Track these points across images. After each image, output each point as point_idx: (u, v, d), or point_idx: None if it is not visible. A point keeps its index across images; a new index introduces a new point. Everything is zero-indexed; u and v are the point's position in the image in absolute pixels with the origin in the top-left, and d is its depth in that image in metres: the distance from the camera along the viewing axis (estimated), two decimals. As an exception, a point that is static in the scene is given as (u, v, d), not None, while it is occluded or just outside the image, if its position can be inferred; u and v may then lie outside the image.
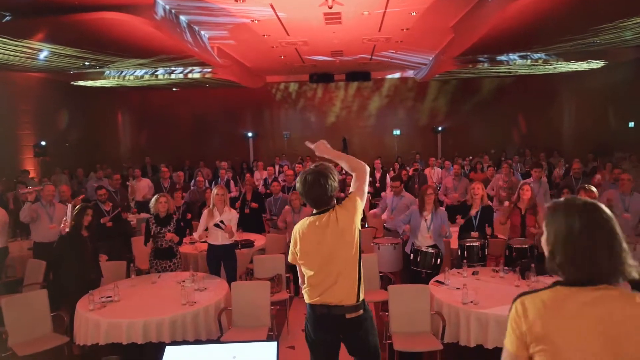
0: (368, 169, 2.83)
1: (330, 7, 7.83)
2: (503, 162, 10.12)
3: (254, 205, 7.33)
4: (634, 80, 12.28)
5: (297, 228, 2.76)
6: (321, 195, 2.66)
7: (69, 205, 5.05)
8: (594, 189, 5.27)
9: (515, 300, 1.50)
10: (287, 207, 6.71)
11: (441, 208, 5.46)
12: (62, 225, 5.03)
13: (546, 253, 1.53)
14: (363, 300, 2.70)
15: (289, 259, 2.82)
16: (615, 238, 1.43)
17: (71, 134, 13.43)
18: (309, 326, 2.74)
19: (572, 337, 1.40)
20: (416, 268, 5.07)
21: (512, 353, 1.48)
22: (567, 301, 1.43)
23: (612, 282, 1.42)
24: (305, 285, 2.74)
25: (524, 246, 5.05)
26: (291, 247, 2.78)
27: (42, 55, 8.70)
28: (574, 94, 15.79)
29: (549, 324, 1.42)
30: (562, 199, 1.57)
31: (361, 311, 2.67)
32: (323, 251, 2.64)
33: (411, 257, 5.14)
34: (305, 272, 2.72)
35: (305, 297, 2.73)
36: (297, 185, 2.73)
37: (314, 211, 2.74)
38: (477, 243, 5.17)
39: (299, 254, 2.72)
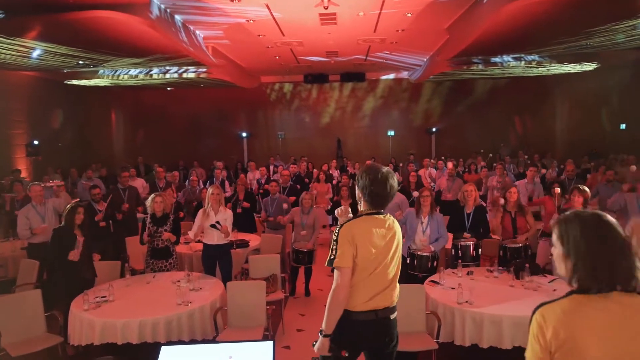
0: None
1: (326, 8, 7.84)
2: (498, 163, 10.20)
3: (245, 204, 7.32)
4: (625, 83, 12.42)
5: (355, 229, 2.50)
6: (393, 194, 2.60)
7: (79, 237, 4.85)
8: (587, 189, 5.31)
9: (534, 312, 1.54)
10: (296, 208, 6.69)
11: (439, 213, 5.45)
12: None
13: (565, 265, 1.56)
14: None
15: (344, 263, 2.46)
16: (627, 245, 1.50)
17: (64, 134, 13.33)
18: (347, 336, 2.51)
19: (593, 342, 1.44)
20: (413, 272, 5.07)
21: None
22: (585, 308, 1.48)
23: (627, 287, 1.47)
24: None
25: (517, 245, 5.08)
26: (346, 249, 2.46)
27: (35, 53, 8.64)
28: (566, 96, 15.93)
29: (570, 330, 1.46)
30: (569, 212, 1.61)
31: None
32: (385, 253, 2.57)
33: (407, 261, 5.14)
34: (358, 276, 2.50)
35: (354, 302, 2.50)
36: (364, 181, 2.55)
37: (367, 211, 2.60)
38: (470, 243, 5.19)
39: (358, 257, 2.48)
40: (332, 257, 2.49)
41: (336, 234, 2.53)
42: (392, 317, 2.61)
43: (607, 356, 1.43)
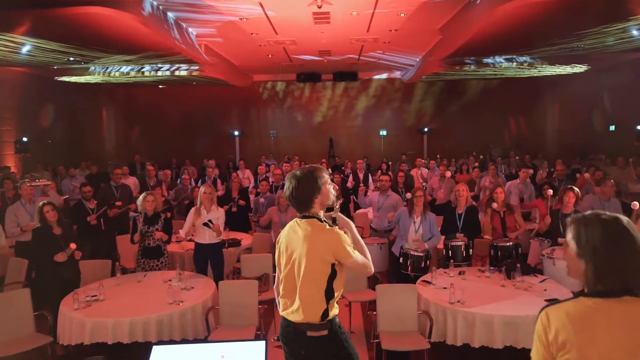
0: (369, 273, 2.69)
1: (320, 7, 7.83)
2: (490, 163, 10.26)
3: (241, 202, 7.29)
4: (615, 85, 12.54)
5: (285, 229, 2.66)
6: (307, 198, 2.50)
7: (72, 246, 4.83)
8: (576, 189, 5.36)
9: (540, 312, 1.54)
10: (273, 207, 6.69)
11: (431, 213, 5.48)
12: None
13: (578, 265, 1.54)
14: (331, 320, 2.49)
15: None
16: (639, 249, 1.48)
17: (54, 131, 13.18)
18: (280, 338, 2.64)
19: (597, 346, 1.43)
20: (406, 272, 5.08)
21: None
22: (591, 312, 1.47)
23: (635, 293, 1.46)
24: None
25: (508, 244, 5.12)
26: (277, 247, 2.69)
27: (25, 49, 8.52)
28: (557, 98, 16.07)
29: (573, 334, 1.45)
30: (588, 212, 1.59)
31: (325, 331, 2.46)
32: (295, 260, 2.49)
33: (400, 261, 5.16)
34: (278, 277, 2.64)
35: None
36: (285, 185, 2.60)
37: (299, 214, 2.59)
38: (461, 243, 5.22)
39: (276, 257, 2.64)
40: None
41: None
42: (309, 333, 2.45)
43: None
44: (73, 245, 4.70)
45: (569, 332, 1.46)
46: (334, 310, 2.52)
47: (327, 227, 2.49)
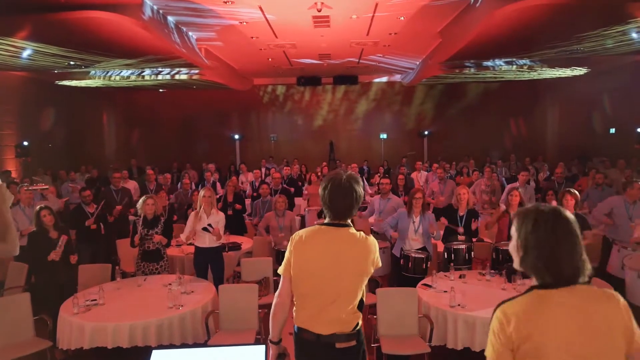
0: None
1: (319, 10, 7.85)
2: (486, 166, 10.25)
3: (238, 206, 7.29)
4: (615, 88, 12.55)
5: (301, 236, 2.39)
6: (350, 204, 2.32)
7: (64, 238, 4.83)
8: (575, 192, 5.33)
9: (495, 309, 1.57)
10: (270, 212, 6.67)
11: (429, 212, 5.49)
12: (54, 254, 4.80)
13: (517, 258, 1.62)
14: (359, 329, 2.38)
15: (281, 269, 2.42)
16: (579, 241, 1.54)
17: (54, 135, 13.21)
18: (296, 349, 2.43)
19: (554, 336, 1.47)
20: (407, 274, 5.08)
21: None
22: (544, 303, 1.51)
23: (578, 281, 1.52)
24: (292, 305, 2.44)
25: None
26: (287, 257, 2.39)
27: (26, 53, 8.54)
28: (557, 100, 16.08)
29: (530, 327, 1.48)
30: (528, 206, 1.65)
31: (354, 342, 2.34)
32: (327, 270, 2.30)
33: (401, 263, 5.15)
34: (297, 289, 2.38)
35: (294, 315, 2.42)
36: (323, 190, 2.36)
37: (327, 221, 2.39)
38: (463, 246, 5.21)
39: (294, 267, 2.36)
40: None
41: None
42: (338, 345, 2.29)
43: (567, 352, 1.45)
44: (64, 237, 4.72)
45: (525, 324, 1.49)
46: (360, 319, 2.42)
47: (370, 238, 2.39)
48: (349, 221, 2.40)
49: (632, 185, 5.81)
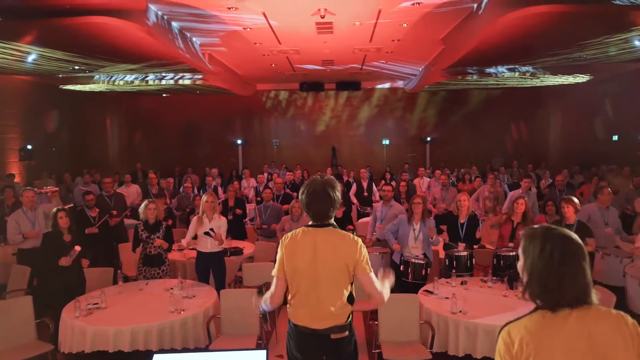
0: (381, 303, 2.62)
1: (322, 17, 7.89)
2: (490, 173, 10.25)
3: (238, 211, 7.30)
4: (617, 95, 12.56)
5: (289, 238, 2.56)
6: (326, 208, 2.50)
7: (76, 249, 4.80)
8: (575, 200, 5.31)
9: (500, 330, 1.58)
10: (286, 216, 6.68)
11: (430, 218, 5.49)
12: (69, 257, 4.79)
13: (523, 279, 1.61)
14: (351, 321, 2.59)
15: (274, 271, 2.59)
16: (586, 265, 1.54)
17: (58, 138, 13.27)
18: (291, 343, 2.60)
19: (557, 356, 1.47)
20: (406, 280, 5.07)
21: None
22: (549, 324, 1.51)
23: (585, 302, 1.52)
24: (287, 303, 2.61)
25: (511, 254, 5.09)
26: (279, 258, 2.57)
27: (31, 58, 8.60)
28: (560, 107, 16.09)
29: (533, 347, 1.49)
30: (537, 226, 1.65)
31: (347, 332, 2.54)
32: (317, 268, 2.47)
33: (401, 269, 5.15)
34: (291, 288, 2.55)
35: (290, 313, 2.59)
36: (301, 195, 2.56)
37: (310, 223, 2.58)
38: (464, 253, 5.20)
39: (287, 267, 2.53)
40: None
41: None
42: (333, 336, 2.49)
43: None
44: (77, 248, 4.74)
45: (530, 346, 1.49)
46: (351, 312, 2.60)
47: (351, 235, 2.54)
48: (331, 221, 2.57)
49: (602, 191, 6.07)
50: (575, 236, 1.57)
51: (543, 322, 1.52)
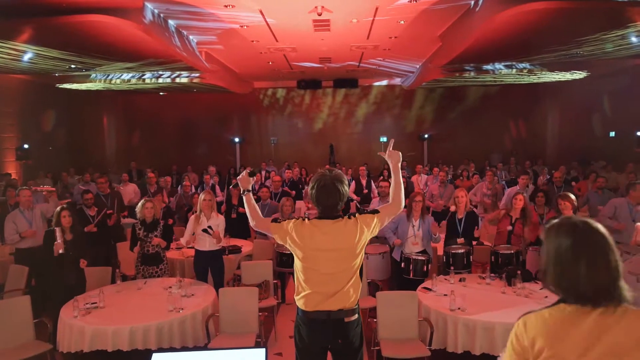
0: (402, 208, 2.86)
1: (320, 14, 7.87)
2: (487, 169, 10.25)
3: (241, 210, 7.30)
4: (614, 91, 12.58)
5: (298, 224, 2.66)
6: (335, 201, 2.63)
7: (58, 230, 4.79)
8: (572, 196, 5.29)
9: (519, 319, 1.53)
10: (276, 214, 6.68)
11: (430, 216, 5.49)
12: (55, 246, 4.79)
13: (542, 270, 1.56)
14: (358, 305, 2.70)
15: (279, 239, 2.72)
16: (612, 259, 1.45)
17: (55, 137, 13.24)
18: (304, 331, 2.64)
19: (571, 354, 1.42)
20: (407, 276, 5.08)
21: None
22: (567, 319, 1.45)
23: (611, 302, 1.43)
24: (300, 290, 2.66)
25: (509, 252, 5.11)
26: (289, 237, 2.66)
27: (27, 57, 8.56)
28: (557, 104, 16.11)
29: (548, 341, 1.44)
30: (563, 218, 1.57)
31: (356, 315, 2.67)
32: (335, 258, 2.59)
33: (402, 266, 5.15)
34: (308, 276, 2.63)
35: (301, 303, 2.64)
36: (311, 190, 2.68)
37: (319, 214, 2.69)
38: (462, 250, 5.21)
39: (301, 255, 2.63)
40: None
41: None
42: (346, 319, 2.61)
43: None
44: (83, 263, 4.72)
45: (544, 338, 1.44)
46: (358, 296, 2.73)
47: (350, 218, 2.67)
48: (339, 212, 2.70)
49: (634, 187, 5.73)
50: (599, 227, 1.49)
51: (561, 317, 1.45)
